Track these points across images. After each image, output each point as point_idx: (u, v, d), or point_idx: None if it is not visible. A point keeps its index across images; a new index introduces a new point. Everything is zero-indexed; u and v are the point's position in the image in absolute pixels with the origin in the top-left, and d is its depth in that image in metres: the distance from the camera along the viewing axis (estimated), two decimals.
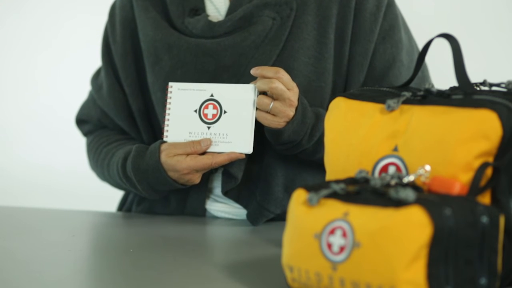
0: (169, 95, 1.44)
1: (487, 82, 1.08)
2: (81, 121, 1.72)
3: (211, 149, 1.41)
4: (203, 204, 1.56)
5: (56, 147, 3.18)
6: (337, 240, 0.91)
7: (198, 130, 1.42)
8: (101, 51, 1.65)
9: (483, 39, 2.70)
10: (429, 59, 1.25)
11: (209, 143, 1.41)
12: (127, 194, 1.70)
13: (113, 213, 1.68)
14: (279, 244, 1.10)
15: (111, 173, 1.55)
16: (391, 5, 1.53)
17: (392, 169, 1.02)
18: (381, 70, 1.51)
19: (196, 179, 1.44)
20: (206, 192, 1.55)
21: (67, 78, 3.18)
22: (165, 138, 1.44)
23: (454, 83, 1.07)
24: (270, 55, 1.47)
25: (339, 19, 1.50)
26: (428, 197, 0.90)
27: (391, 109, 1.05)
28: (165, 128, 1.44)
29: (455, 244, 0.88)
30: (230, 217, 1.56)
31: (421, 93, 1.05)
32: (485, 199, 0.97)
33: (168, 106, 1.44)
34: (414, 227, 0.87)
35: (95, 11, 2.60)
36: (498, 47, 2.74)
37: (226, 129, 1.40)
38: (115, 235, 1.47)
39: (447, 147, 0.98)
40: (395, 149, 1.03)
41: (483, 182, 0.97)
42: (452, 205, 0.89)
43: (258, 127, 1.41)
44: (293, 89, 1.39)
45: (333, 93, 1.50)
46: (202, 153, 1.41)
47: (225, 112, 1.41)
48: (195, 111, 1.42)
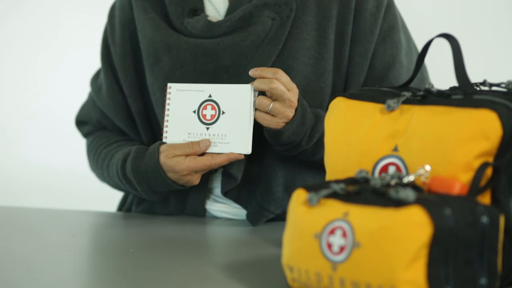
0: (168, 96, 1.44)
1: (487, 82, 1.08)
2: (81, 122, 1.72)
3: (210, 150, 1.41)
4: (203, 204, 1.56)
5: (56, 147, 3.18)
6: (337, 240, 0.91)
7: (197, 131, 1.42)
8: (100, 52, 1.65)
9: (483, 39, 2.70)
10: (429, 59, 1.25)
11: (208, 144, 1.41)
12: (127, 194, 1.70)
13: (113, 213, 1.68)
14: (279, 244, 1.10)
15: (110, 174, 1.55)
16: (390, 6, 1.53)
17: (392, 169, 1.02)
18: (380, 71, 1.51)
19: (195, 180, 1.44)
20: (206, 192, 1.55)
21: (67, 78, 3.18)
22: (164, 139, 1.44)
23: (454, 83, 1.07)
24: (269, 55, 1.47)
25: (339, 20, 1.50)
26: (428, 197, 0.90)
27: (391, 109, 1.05)
28: (164, 129, 1.44)
29: (455, 244, 0.88)
30: (230, 217, 1.56)
31: (421, 93, 1.05)
32: (485, 199, 0.97)
33: (167, 107, 1.44)
34: (414, 227, 0.87)
35: (95, 11, 2.60)
36: (498, 47, 2.74)
37: (224, 129, 1.40)
38: (115, 235, 1.47)
39: (447, 147, 0.98)
40: (395, 149, 1.03)
41: (483, 182, 0.97)
42: (452, 205, 0.89)
43: (257, 127, 1.41)
44: (293, 89, 1.39)
45: (332, 94, 1.50)
46: (201, 154, 1.42)
47: (223, 112, 1.40)
48: (194, 112, 1.42)
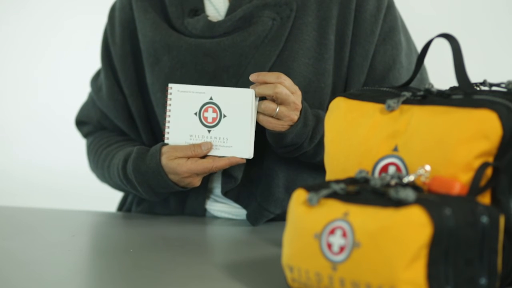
0: (169, 97, 1.43)
1: (487, 82, 1.08)
2: (81, 123, 1.71)
3: (211, 152, 1.40)
4: (203, 204, 1.56)
5: (56, 148, 3.18)
6: (337, 240, 0.91)
7: (198, 133, 1.41)
8: (100, 53, 1.65)
9: (483, 39, 2.70)
10: (428, 59, 1.24)
11: (210, 146, 1.40)
12: (127, 194, 1.69)
13: (113, 213, 1.68)
14: (279, 244, 1.10)
15: (111, 174, 1.55)
16: (391, 7, 1.53)
17: (392, 169, 1.02)
18: (381, 71, 1.51)
19: (196, 182, 1.43)
20: (206, 192, 1.55)
21: (67, 78, 3.18)
22: (166, 140, 1.44)
23: (454, 83, 1.07)
24: (270, 56, 1.47)
25: (339, 21, 1.50)
26: (428, 197, 0.90)
27: (391, 109, 1.05)
28: (166, 130, 1.44)
29: (455, 244, 0.88)
30: (230, 217, 1.56)
31: (421, 93, 1.05)
32: (485, 199, 0.97)
33: (168, 108, 1.43)
34: (414, 227, 0.87)
35: (95, 11, 2.60)
36: (498, 47, 2.74)
37: (226, 133, 1.40)
38: (115, 235, 1.47)
39: (447, 147, 0.98)
40: (395, 149, 1.03)
41: (483, 182, 0.97)
42: (452, 205, 0.89)
43: (259, 129, 1.41)
44: (296, 92, 1.39)
45: (332, 94, 1.50)
46: (202, 157, 1.41)
47: (224, 116, 1.40)
48: (195, 114, 1.42)
